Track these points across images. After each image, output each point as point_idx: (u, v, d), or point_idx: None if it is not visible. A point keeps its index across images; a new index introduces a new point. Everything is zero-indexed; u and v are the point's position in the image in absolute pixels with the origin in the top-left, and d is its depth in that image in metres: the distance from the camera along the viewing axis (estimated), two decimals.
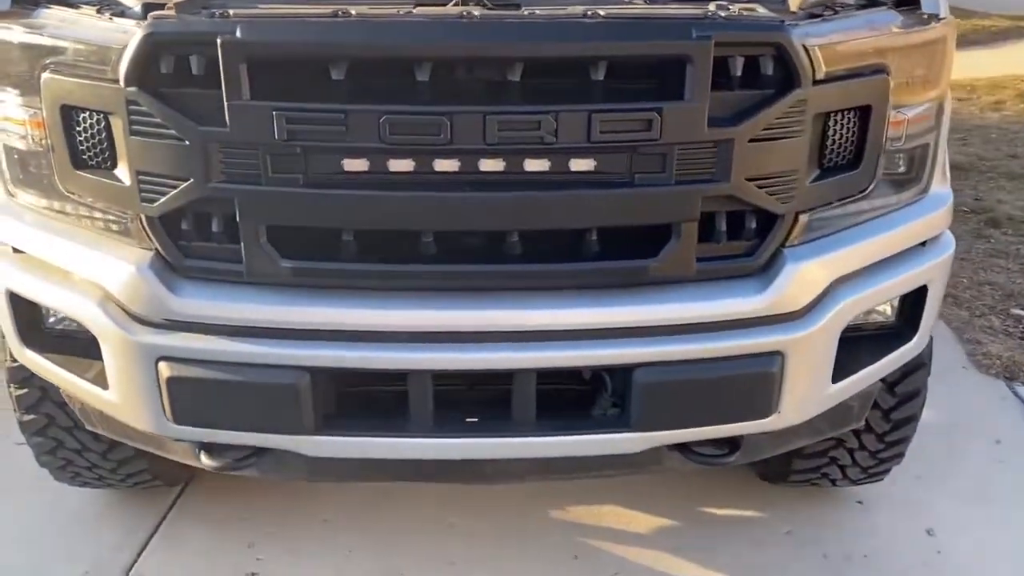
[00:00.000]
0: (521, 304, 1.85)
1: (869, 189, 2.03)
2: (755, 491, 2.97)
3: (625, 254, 1.87)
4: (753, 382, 1.92)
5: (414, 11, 1.77)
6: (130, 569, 2.66)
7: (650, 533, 2.85)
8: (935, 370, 3.62)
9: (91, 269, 1.93)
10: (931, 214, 2.18)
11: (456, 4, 1.86)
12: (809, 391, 2.00)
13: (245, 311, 1.86)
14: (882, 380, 2.48)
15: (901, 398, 2.53)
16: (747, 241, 1.91)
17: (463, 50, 1.71)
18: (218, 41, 1.68)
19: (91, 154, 1.89)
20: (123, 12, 1.95)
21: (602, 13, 1.76)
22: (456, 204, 1.78)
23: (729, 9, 1.85)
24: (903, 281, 2.11)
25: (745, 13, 1.83)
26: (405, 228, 1.80)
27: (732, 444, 2.06)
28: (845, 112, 1.93)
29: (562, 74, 1.75)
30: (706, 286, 1.91)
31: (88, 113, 1.86)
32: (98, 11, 1.94)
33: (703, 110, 1.76)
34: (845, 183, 1.99)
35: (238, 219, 1.79)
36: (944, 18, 2.11)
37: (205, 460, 2.01)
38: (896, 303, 2.22)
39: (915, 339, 2.22)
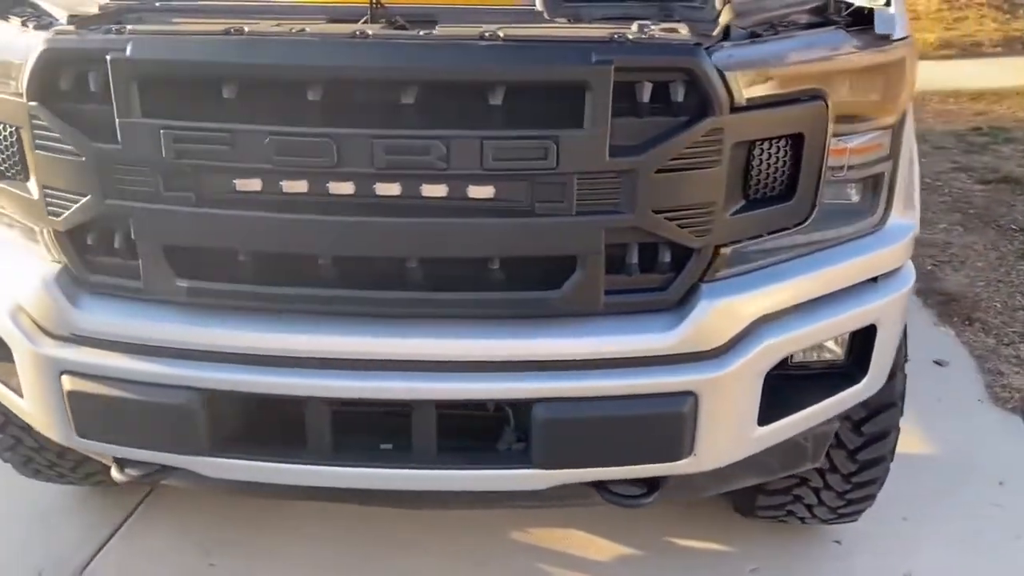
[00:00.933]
0: (418, 333, 1.79)
1: (807, 221, 1.91)
2: (730, 524, 2.84)
3: (532, 284, 1.79)
4: (662, 423, 1.82)
5: (308, 29, 1.72)
6: (85, 567, 2.70)
7: (612, 562, 2.76)
8: (947, 402, 3.46)
9: (4, 279, 1.95)
10: (885, 248, 2.04)
11: (366, 21, 1.80)
12: (729, 434, 1.89)
13: (143, 329, 1.85)
14: (847, 419, 2.36)
15: (868, 438, 2.38)
16: (661, 275, 1.81)
17: (347, 71, 1.66)
18: (108, 58, 1.66)
19: (5, 166, 1.91)
20: (48, 24, 1.96)
21: (502, 35, 1.68)
22: (346, 228, 1.73)
23: (647, 31, 1.75)
24: (845, 320, 1.98)
25: (659, 36, 1.72)
26: (296, 251, 1.76)
27: (651, 484, 1.96)
28: (774, 141, 1.81)
29: (459, 98, 1.68)
30: (615, 320, 1.81)
31: (2, 125, 1.88)
32: (23, 23, 1.95)
33: (603, 138, 1.67)
34: (776, 215, 1.87)
35: (133, 236, 1.78)
36: (900, 39, 1.96)
37: (115, 473, 2.01)
38: (846, 341, 2.08)
39: (864, 382, 2.08)
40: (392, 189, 1.70)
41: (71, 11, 1.95)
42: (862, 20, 1.95)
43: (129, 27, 1.75)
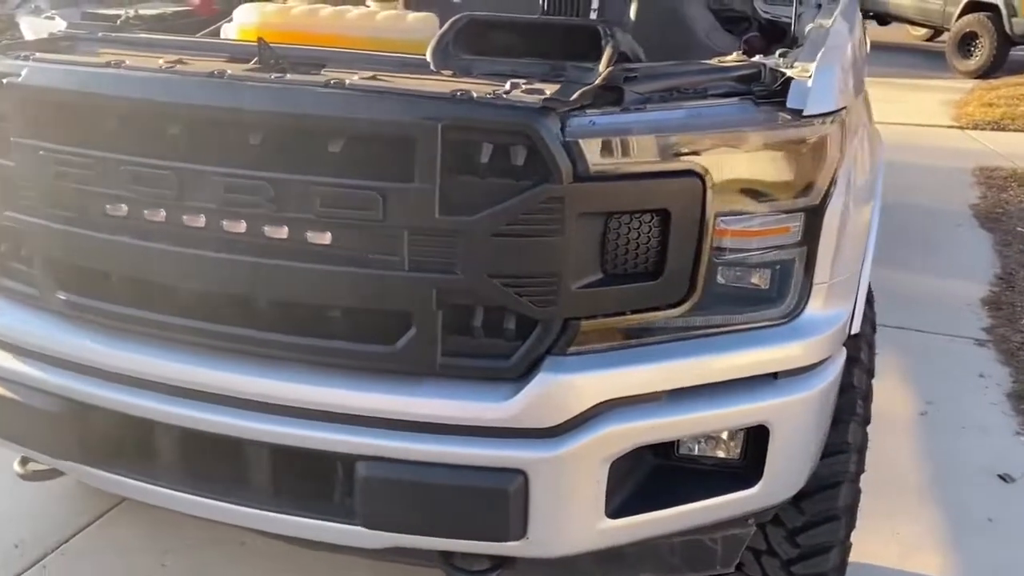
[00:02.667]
0: (254, 372, 1.80)
1: (685, 304, 1.76)
2: None
3: (373, 337, 1.76)
4: (487, 499, 1.73)
5: (181, 67, 1.78)
6: (59, 546, 2.88)
7: None
8: (998, 525, 3.06)
9: None
10: (789, 343, 1.84)
11: (256, 65, 1.83)
12: (568, 522, 1.76)
13: (32, 335, 1.96)
14: (781, 525, 2.15)
15: (804, 551, 2.16)
16: (505, 343, 1.73)
17: (184, 108, 1.70)
18: (3, 82, 1.80)
19: None
20: None
21: (347, 82, 1.67)
22: (189, 261, 1.77)
23: (511, 91, 1.68)
24: (723, 416, 1.80)
25: (512, 96, 1.65)
26: (146, 278, 1.82)
27: (497, 560, 1.86)
28: (634, 215, 1.68)
29: (296, 142, 1.69)
30: (452, 384, 1.74)
31: None
32: None
33: (431, 195, 1.62)
34: (640, 293, 1.73)
35: (25, 249, 1.91)
36: (818, 115, 1.77)
37: (16, 468, 2.14)
38: (740, 441, 1.89)
39: (759, 487, 1.88)
40: (237, 227, 1.73)
41: (36, 35, 2.12)
42: (777, 93, 1.79)
43: (37, 55, 1.88)
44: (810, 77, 1.78)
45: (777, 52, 1.91)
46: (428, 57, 1.87)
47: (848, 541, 2.24)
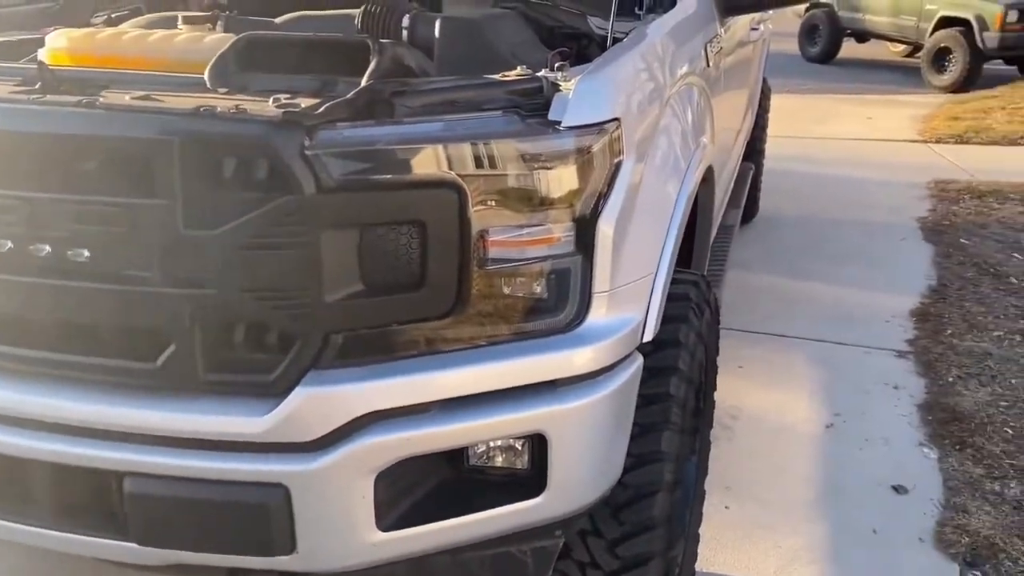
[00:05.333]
0: (25, 390, 1.81)
1: (451, 314, 1.76)
2: None
3: (140, 355, 1.77)
4: (251, 514, 1.72)
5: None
6: None
7: None
8: (882, 536, 3.02)
9: None
10: (568, 351, 1.84)
11: (36, 88, 1.83)
12: (337, 536, 1.75)
13: None
14: (598, 535, 2.14)
15: (625, 562, 2.14)
16: (269, 357, 1.73)
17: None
18: None
19: None
20: None
21: (98, 102, 1.69)
22: None
23: (276, 103, 1.69)
24: (496, 425, 1.79)
25: (267, 111, 1.66)
26: None
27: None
28: (388, 227, 1.69)
29: (53, 159, 1.70)
30: (218, 400, 1.74)
31: None
32: None
33: (175, 210, 1.63)
34: (403, 305, 1.74)
35: None
36: (580, 126, 1.78)
37: None
38: (526, 450, 1.89)
39: (545, 497, 1.87)
40: (3, 246, 1.75)
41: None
42: (547, 105, 1.80)
43: None
44: (571, 90, 1.79)
45: (556, 66, 1.92)
46: (205, 76, 1.89)
47: (674, 552, 2.21)
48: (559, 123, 1.76)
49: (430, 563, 1.96)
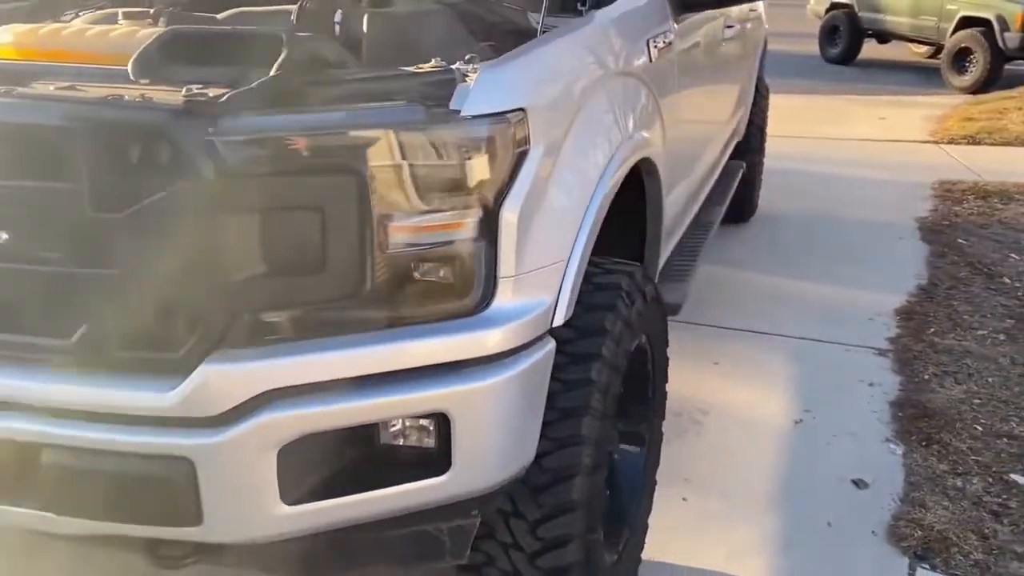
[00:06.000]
0: None
1: (356, 296, 1.82)
2: None
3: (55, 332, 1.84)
4: (156, 485, 1.80)
5: None
6: None
7: None
8: (835, 528, 3.04)
9: None
10: (472, 333, 1.89)
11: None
12: (242, 508, 1.82)
13: None
14: (520, 516, 2.19)
15: (545, 544, 2.18)
16: (177, 335, 1.80)
17: None
18: None
19: None
20: None
21: (16, 91, 1.78)
22: None
23: (189, 92, 1.76)
24: (395, 404, 1.85)
25: (165, 99, 1.74)
26: None
27: (193, 547, 1.93)
28: (292, 211, 1.76)
29: None
30: (131, 375, 1.82)
31: None
32: None
33: (83, 192, 1.72)
34: (306, 287, 1.80)
35: None
36: (474, 116, 1.83)
37: None
38: (435, 429, 1.94)
39: (449, 475, 1.92)
40: None
41: None
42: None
43: None
44: (473, 80, 1.85)
45: (467, 58, 1.98)
46: (128, 68, 1.97)
47: (595, 534, 2.25)
48: (458, 112, 1.82)
49: (350, 541, 2.02)
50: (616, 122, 2.39)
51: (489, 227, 1.89)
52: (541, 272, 1.99)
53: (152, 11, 2.53)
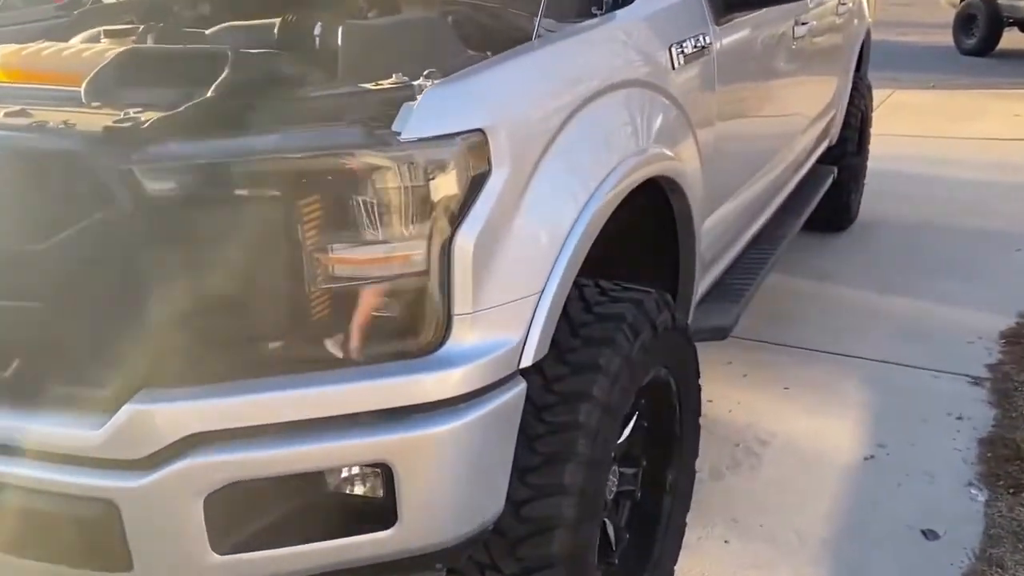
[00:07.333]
0: None
1: (285, 333, 1.69)
2: None
3: None
4: (83, 528, 1.71)
5: None
6: None
7: None
8: None
9: None
10: (419, 375, 1.73)
11: None
12: (170, 555, 1.72)
13: None
14: (494, 568, 2.03)
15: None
16: (103, 371, 1.72)
17: None
18: None
19: None
20: None
21: None
22: None
23: (125, 116, 1.68)
24: (332, 453, 1.71)
25: (88, 126, 1.65)
26: None
27: None
28: (215, 243, 1.64)
29: None
30: (65, 412, 1.74)
31: None
32: None
33: (8, 223, 1.65)
34: (232, 323, 1.68)
35: None
36: (416, 139, 1.67)
37: None
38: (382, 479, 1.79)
39: (396, 529, 1.77)
40: None
41: None
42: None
43: None
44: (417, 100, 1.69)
45: (425, 73, 1.82)
46: (81, 90, 1.90)
47: None
48: (398, 135, 1.66)
49: None
50: (617, 137, 2.17)
51: (440, 259, 1.72)
52: (507, 307, 1.81)
53: (141, 28, 2.46)
